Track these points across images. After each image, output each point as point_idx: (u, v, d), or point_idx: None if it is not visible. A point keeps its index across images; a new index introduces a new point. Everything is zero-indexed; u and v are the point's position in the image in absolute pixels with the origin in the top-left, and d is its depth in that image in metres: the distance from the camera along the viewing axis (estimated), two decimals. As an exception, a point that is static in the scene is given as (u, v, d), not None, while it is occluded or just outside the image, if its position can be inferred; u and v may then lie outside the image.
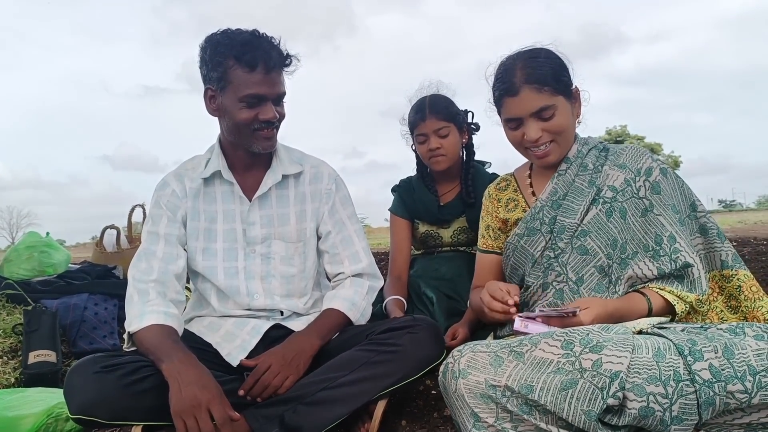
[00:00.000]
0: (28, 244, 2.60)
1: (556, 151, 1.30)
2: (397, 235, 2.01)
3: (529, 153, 1.33)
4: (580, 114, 1.35)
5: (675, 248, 1.22)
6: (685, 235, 1.23)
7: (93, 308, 2.23)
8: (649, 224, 1.25)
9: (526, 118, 1.27)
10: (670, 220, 1.23)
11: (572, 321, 1.14)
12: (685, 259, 1.21)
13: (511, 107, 1.29)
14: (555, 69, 1.27)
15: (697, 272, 1.21)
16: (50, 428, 1.43)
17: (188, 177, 1.50)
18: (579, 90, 1.33)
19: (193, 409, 1.13)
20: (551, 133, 1.28)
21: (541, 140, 1.28)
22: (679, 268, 1.21)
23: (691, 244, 1.24)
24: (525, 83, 1.25)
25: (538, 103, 1.25)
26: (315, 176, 1.55)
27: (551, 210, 1.32)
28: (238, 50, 1.34)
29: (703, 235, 1.24)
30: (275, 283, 1.49)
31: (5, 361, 2.00)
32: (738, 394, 0.98)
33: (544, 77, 1.25)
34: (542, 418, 1.05)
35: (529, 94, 1.25)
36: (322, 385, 1.26)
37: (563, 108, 1.28)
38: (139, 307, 1.34)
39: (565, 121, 1.28)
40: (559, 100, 1.27)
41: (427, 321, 1.36)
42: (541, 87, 1.25)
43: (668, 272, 1.22)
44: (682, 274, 1.21)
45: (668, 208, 1.24)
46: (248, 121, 1.37)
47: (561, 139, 1.29)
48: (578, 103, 1.34)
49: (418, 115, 1.87)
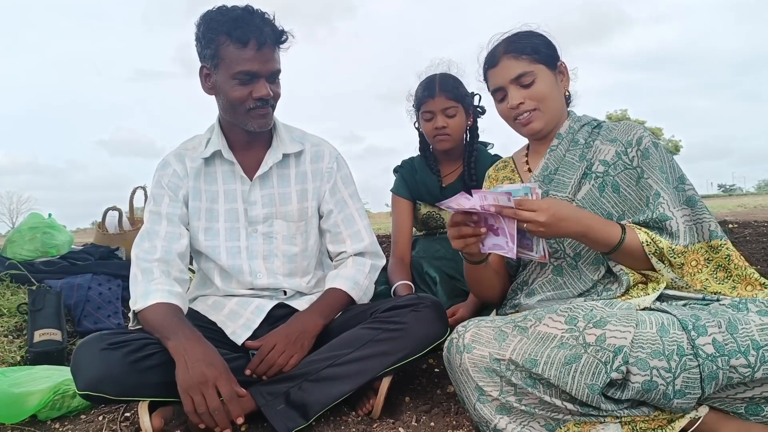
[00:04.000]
0: (31, 225, 2.60)
1: (540, 118, 1.32)
2: (399, 216, 2.01)
3: (516, 124, 1.36)
4: (568, 87, 1.39)
5: (658, 202, 1.23)
6: (670, 192, 1.24)
7: (97, 288, 2.24)
8: (642, 189, 1.26)
9: (507, 86, 1.32)
10: (657, 179, 1.25)
11: (523, 214, 1.09)
12: (663, 211, 1.22)
13: (493, 78, 1.35)
14: (535, 42, 1.33)
15: (675, 225, 1.21)
16: (57, 404, 1.44)
17: (189, 157, 1.49)
18: (566, 65, 1.37)
19: (200, 386, 1.14)
20: (533, 99, 1.31)
21: (523, 107, 1.31)
22: (655, 218, 1.22)
23: (677, 202, 1.24)
24: (504, 53, 1.32)
25: (516, 69, 1.30)
26: (316, 155, 1.54)
27: (543, 184, 1.34)
28: (230, 26, 1.32)
29: (690, 206, 1.24)
30: (278, 262, 1.50)
31: (11, 340, 2.01)
32: (741, 369, 0.99)
33: (522, 47, 1.31)
34: (546, 392, 1.06)
35: (507, 62, 1.31)
36: (327, 362, 1.27)
37: (544, 76, 1.31)
38: (143, 286, 1.35)
39: (547, 89, 1.31)
40: (539, 68, 1.31)
41: (431, 299, 1.37)
42: (519, 55, 1.30)
43: (642, 220, 1.23)
44: (662, 227, 1.22)
45: (655, 170, 1.26)
46: (242, 99, 1.36)
47: (544, 106, 1.32)
48: (565, 77, 1.38)
49: (427, 91, 1.85)
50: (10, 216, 50.98)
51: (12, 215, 51.20)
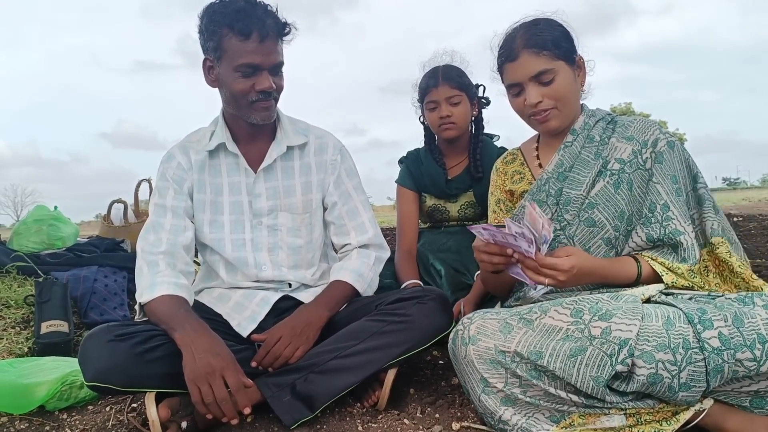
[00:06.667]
0: (37, 218, 2.61)
1: (557, 116, 1.29)
2: (405, 207, 2.00)
3: (531, 120, 1.32)
4: (585, 82, 1.34)
5: (667, 216, 1.22)
6: (679, 205, 1.23)
7: (103, 280, 2.25)
8: (649, 193, 1.25)
9: (525, 83, 1.27)
10: (667, 189, 1.23)
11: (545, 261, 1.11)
12: (675, 227, 1.21)
13: (511, 72, 1.29)
14: (555, 35, 1.27)
15: (688, 240, 1.20)
16: (64, 395, 1.46)
17: (193, 149, 1.49)
18: (583, 59, 1.32)
19: (207, 376, 1.15)
20: (552, 98, 1.27)
21: (542, 105, 1.27)
22: (668, 234, 1.21)
23: (686, 215, 1.23)
24: (524, 48, 1.26)
25: (536, 66, 1.25)
26: (320, 147, 1.54)
27: (557, 182, 1.32)
28: (232, 18, 1.32)
29: (699, 205, 1.24)
30: (282, 254, 1.50)
31: (18, 332, 2.02)
32: (747, 362, 0.99)
33: (543, 42, 1.25)
34: (551, 384, 1.06)
35: (528, 58, 1.25)
36: (333, 354, 1.28)
37: (564, 73, 1.27)
38: (149, 278, 1.35)
39: (566, 87, 1.27)
40: (559, 64, 1.26)
41: (435, 291, 1.37)
42: (540, 51, 1.25)
43: (656, 238, 1.22)
44: (676, 243, 1.21)
45: (667, 178, 1.24)
46: (245, 91, 1.36)
47: (562, 105, 1.28)
48: (582, 72, 1.33)
49: (431, 81, 1.85)
50: (15, 209, 51.20)
51: (16, 208, 51.41)
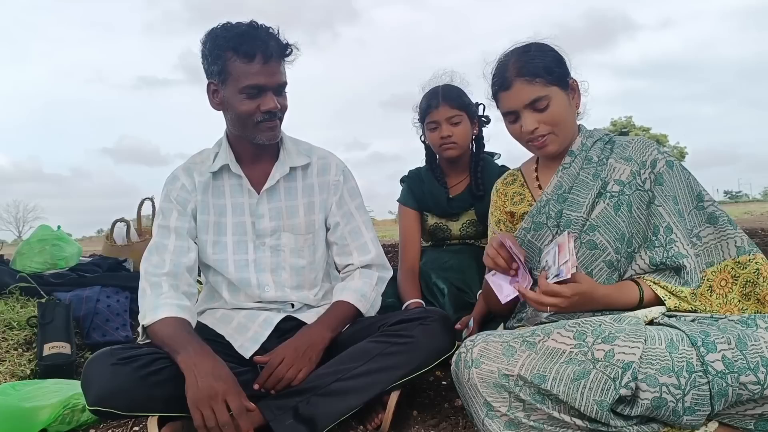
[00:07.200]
0: (40, 238, 2.62)
1: (554, 141, 1.30)
2: (407, 226, 2.01)
3: (529, 146, 1.34)
4: (580, 104, 1.36)
5: (670, 239, 1.22)
6: (682, 227, 1.23)
7: (105, 300, 2.25)
8: (651, 216, 1.25)
9: (521, 111, 1.29)
10: (669, 211, 1.23)
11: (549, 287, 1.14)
12: (678, 250, 1.21)
13: (506, 101, 1.31)
14: (547, 61, 1.29)
15: (690, 264, 1.20)
16: (66, 419, 1.45)
17: (197, 171, 1.51)
18: (577, 82, 1.34)
19: (209, 400, 1.15)
20: (548, 124, 1.28)
21: (538, 132, 1.29)
22: (671, 258, 1.21)
23: (688, 236, 1.23)
24: (517, 76, 1.27)
25: (530, 94, 1.27)
26: (323, 168, 1.55)
27: (557, 204, 1.32)
28: (236, 41, 1.34)
29: (712, 224, 1.23)
30: (285, 275, 1.50)
31: (20, 353, 2.02)
32: (751, 386, 0.99)
33: (535, 69, 1.27)
34: (555, 408, 1.06)
35: (521, 86, 1.27)
36: (335, 376, 1.27)
37: (558, 98, 1.28)
38: (152, 300, 1.36)
39: (561, 112, 1.29)
40: (553, 90, 1.28)
41: (438, 312, 1.38)
42: (533, 79, 1.26)
43: (659, 261, 1.22)
44: (678, 267, 1.21)
45: (668, 200, 1.24)
46: (250, 112, 1.38)
47: (558, 129, 1.30)
48: (577, 94, 1.34)
49: (432, 101, 1.87)
50: (17, 225, 51.29)
51: (18, 224, 51.50)
